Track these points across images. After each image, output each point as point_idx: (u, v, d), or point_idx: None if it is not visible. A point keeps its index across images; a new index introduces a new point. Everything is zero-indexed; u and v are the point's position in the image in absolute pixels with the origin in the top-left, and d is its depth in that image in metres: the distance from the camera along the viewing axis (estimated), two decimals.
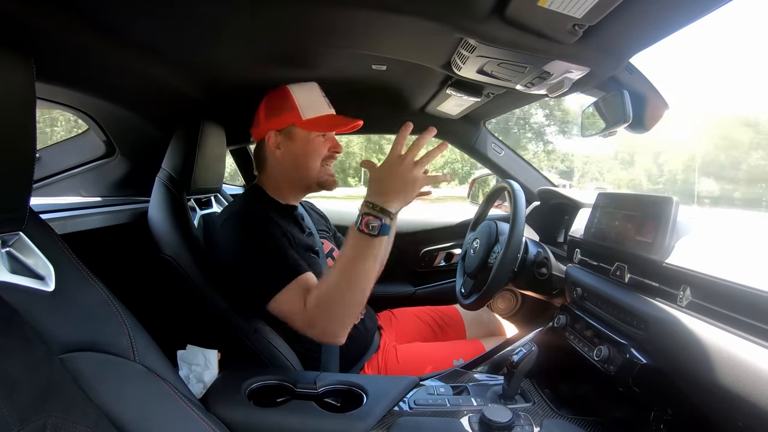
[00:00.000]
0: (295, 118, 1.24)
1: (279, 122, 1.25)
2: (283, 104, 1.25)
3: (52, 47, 0.91)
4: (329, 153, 1.28)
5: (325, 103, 1.29)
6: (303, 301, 1.04)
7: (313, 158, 1.26)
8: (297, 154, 1.26)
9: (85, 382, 0.66)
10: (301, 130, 1.25)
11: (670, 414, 0.94)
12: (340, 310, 1.03)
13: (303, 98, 1.25)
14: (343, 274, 1.01)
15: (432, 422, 0.95)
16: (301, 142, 1.25)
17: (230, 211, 1.21)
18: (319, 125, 1.25)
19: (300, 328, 1.07)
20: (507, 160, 1.98)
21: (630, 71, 1.19)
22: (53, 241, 0.75)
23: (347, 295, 1.01)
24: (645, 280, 0.95)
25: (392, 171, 0.99)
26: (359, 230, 0.98)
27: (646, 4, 0.75)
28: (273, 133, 1.26)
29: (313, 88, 1.29)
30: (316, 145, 1.26)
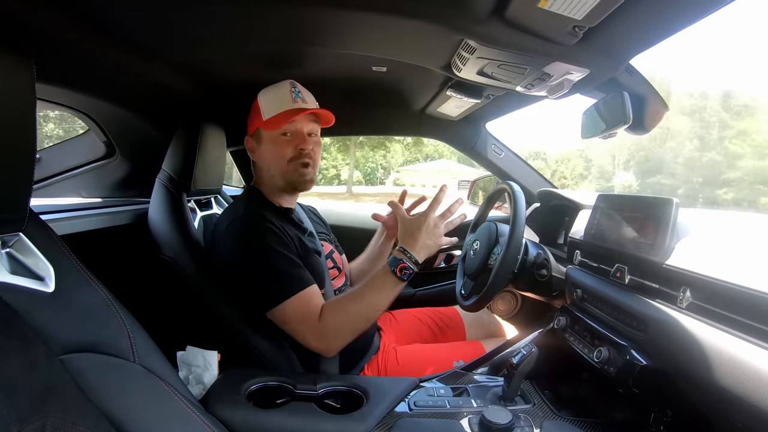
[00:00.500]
0: (259, 121, 1.26)
1: (251, 127, 1.30)
2: (253, 108, 1.29)
3: (53, 48, 0.91)
4: (296, 151, 1.25)
5: (290, 98, 1.26)
6: (312, 314, 1.10)
7: (279, 158, 1.25)
8: (265, 156, 1.28)
9: (85, 382, 0.66)
10: (265, 131, 1.26)
11: (670, 415, 0.93)
12: (351, 330, 1.14)
13: (266, 99, 1.27)
14: (365, 302, 1.13)
15: (432, 423, 0.95)
16: (267, 143, 1.27)
17: (233, 215, 1.20)
18: (276, 122, 1.23)
19: (306, 338, 1.11)
20: (507, 161, 1.98)
21: (630, 73, 1.19)
22: (53, 241, 0.75)
23: (361, 321, 1.14)
24: (645, 281, 0.95)
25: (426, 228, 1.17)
26: (392, 272, 1.13)
27: (646, 6, 0.75)
28: (248, 138, 1.31)
29: (281, 86, 1.28)
30: (279, 145, 1.25)
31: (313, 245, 1.28)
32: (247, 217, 1.17)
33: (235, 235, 1.15)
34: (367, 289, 1.14)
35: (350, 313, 1.12)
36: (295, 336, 1.13)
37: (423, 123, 1.92)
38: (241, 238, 1.14)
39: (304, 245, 1.22)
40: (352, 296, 1.14)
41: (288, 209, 1.33)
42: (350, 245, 1.65)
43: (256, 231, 1.14)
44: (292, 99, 1.26)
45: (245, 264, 1.13)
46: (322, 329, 1.10)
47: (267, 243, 1.12)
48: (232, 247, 1.15)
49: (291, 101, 1.25)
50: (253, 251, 1.12)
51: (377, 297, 1.13)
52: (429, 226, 1.17)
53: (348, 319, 1.12)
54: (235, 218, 1.18)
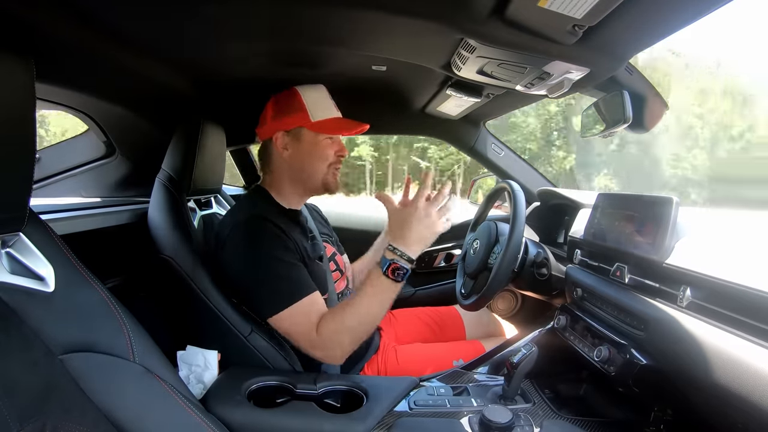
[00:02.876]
0: (305, 120, 1.24)
1: (288, 123, 1.25)
2: (293, 105, 1.25)
3: (52, 48, 0.91)
4: (336, 157, 1.28)
5: (333, 105, 1.29)
6: (309, 324, 1.08)
7: (321, 161, 1.26)
8: (305, 156, 1.26)
9: (85, 382, 0.66)
10: (309, 132, 1.25)
11: (670, 414, 0.94)
12: (350, 338, 1.09)
13: (312, 100, 1.25)
14: (361, 311, 1.08)
15: (432, 423, 0.95)
16: (309, 144, 1.25)
17: (239, 216, 1.19)
18: (328, 128, 1.24)
19: (305, 348, 1.10)
20: (507, 160, 1.98)
21: (630, 72, 1.19)
22: (53, 241, 0.75)
23: (360, 326, 1.09)
24: (645, 280, 0.95)
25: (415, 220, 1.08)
26: (385, 275, 1.06)
27: (646, 4, 0.75)
28: (281, 134, 1.25)
29: (321, 90, 1.29)
30: (324, 148, 1.25)
31: (316, 250, 1.27)
32: (253, 220, 1.15)
33: (239, 238, 1.14)
34: (361, 296, 1.09)
35: (347, 324, 1.07)
36: (299, 346, 1.11)
37: (423, 122, 1.92)
38: (245, 242, 1.13)
39: (308, 251, 1.21)
40: (348, 306, 1.09)
41: (295, 211, 1.32)
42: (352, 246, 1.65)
43: (261, 235, 1.13)
44: (335, 107, 1.29)
45: (248, 269, 1.12)
46: (321, 341, 1.07)
47: (272, 249, 1.11)
48: (237, 251, 1.14)
49: (335, 109, 1.28)
50: (256, 257, 1.11)
51: (373, 304, 1.08)
52: (419, 215, 1.08)
53: (346, 330, 1.08)
54: (241, 221, 1.16)
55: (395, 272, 1.06)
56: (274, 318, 1.09)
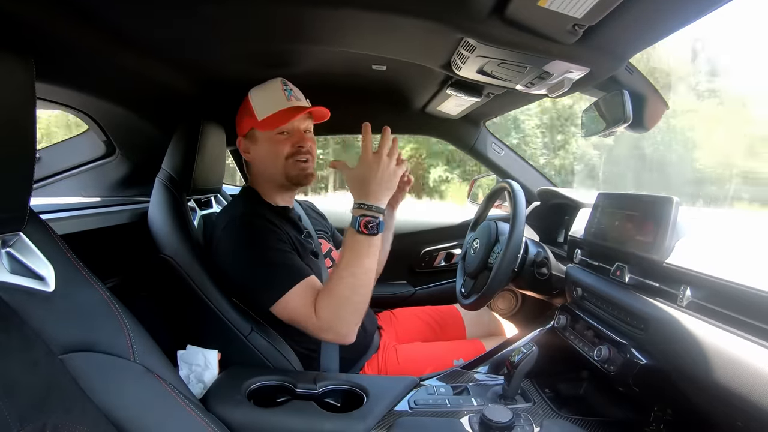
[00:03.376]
0: (253, 121, 1.25)
1: (243, 128, 1.29)
2: (244, 109, 1.27)
3: (52, 47, 0.91)
4: (294, 149, 1.25)
5: (284, 97, 1.25)
6: (311, 306, 1.06)
7: (276, 157, 1.25)
8: (262, 156, 1.27)
9: (85, 382, 0.66)
10: (260, 131, 1.25)
11: (670, 414, 0.94)
12: (350, 310, 1.05)
13: (258, 99, 1.25)
14: (348, 276, 1.04)
15: (432, 422, 0.95)
16: (263, 142, 1.26)
17: (230, 214, 1.21)
18: (272, 122, 1.23)
19: (312, 333, 1.08)
20: (507, 160, 1.98)
21: (630, 71, 1.19)
22: (53, 241, 0.75)
23: (354, 294, 1.04)
24: (645, 280, 0.95)
25: (372, 169, 1.03)
26: (359, 232, 1.03)
27: (646, 4, 0.75)
28: (241, 139, 1.30)
29: (272, 84, 1.27)
30: (276, 143, 1.24)
31: (310, 245, 1.27)
32: (244, 217, 1.17)
33: (232, 235, 1.15)
34: (343, 263, 1.05)
35: (341, 295, 1.04)
36: (306, 331, 1.08)
37: (423, 121, 1.92)
38: (238, 238, 1.14)
39: (302, 245, 1.22)
40: (334, 278, 1.06)
41: (285, 207, 1.32)
42: None
43: (253, 230, 1.14)
44: (286, 98, 1.25)
45: (244, 263, 1.12)
46: (324, 322, 1.05)
47: (264, 240, 1.12)
48: (231, 248, 1.15)
49: (285, 100, 1.25)
50: (251, 249, 1.12)
51: (357, 266, 1.04)
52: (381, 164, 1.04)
53: (341, 302, 1.04)
54: (232, 218, 1.18)
55: (368, 226, 1.02)
56: (275, 306, 1.08)
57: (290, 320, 1.09)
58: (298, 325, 1.09)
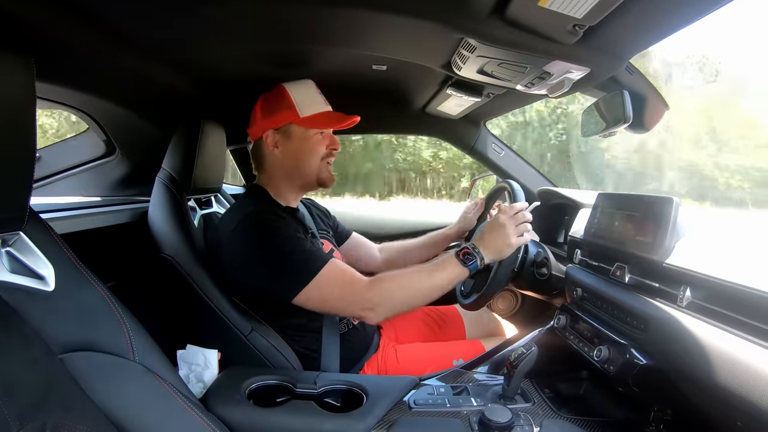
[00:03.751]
0: (293, 117, 1.23)
1: (276, 121, 1.25)
2: (281, 103, 1.25)
3: (52, 47, 0.91)
4: (328, 150, 1.28)
5: (322, 100, 1.28)
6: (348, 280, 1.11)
7: (312, 156, 1.26)
8: (296, 152, 1.26)
9: (85, 381, 0.66)
10: (299, 128, 1.24)
11: (670, 414, 0.94)
12: (402, 301, 1.15)
13: (300, 96, 1.25)
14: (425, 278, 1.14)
15: (432, 422, 0.95)
16: (300, 140, 1.25)
17: (242, 212, 1.18)
18: (317, 122, 1.24)
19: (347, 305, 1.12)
20: (507, 160, 1.98)
21: (630, 71, 1.19)
22: (53, 240, 0.75)
23: (415, 294, 1.15)
24: (645, 280, 0.95)
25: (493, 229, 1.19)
26: (456, 256, 1.16)
27: (647, 4, 0.75)
28: (271, 132, 1.25)
29: (309, 85, 1.28)
30: (315, 143, 1.26)
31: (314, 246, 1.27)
32: (258, 214, 1.15)
33: (244, 234, 1.13)
34: (428, 265, 1.17)
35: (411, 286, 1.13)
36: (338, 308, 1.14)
37: (423, 121, 1.92)
38: (252, 236, 1.12)
39: None
40: (411, 271, 1.16)
41: (293, 209, 1.32)
42: None
43: (265, 228, 1.12)
44: (324, 101, 1.28)
45: (263, 257, 1.11)
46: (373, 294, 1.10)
47: (278, 235, 1.11)
48: (242, 247, 1.13)
49: (324, 104, 1.28)
50: (265, 248, 1.11)
51: (435, 274, 1.15)
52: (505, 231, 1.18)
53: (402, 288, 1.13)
54: (245, 216, 1.16)
55: (465, 256, 1.15)
56: (302, 294, 1.08)
57: (321, 303, 1.11)
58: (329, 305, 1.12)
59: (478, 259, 1.15)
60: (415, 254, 1.64)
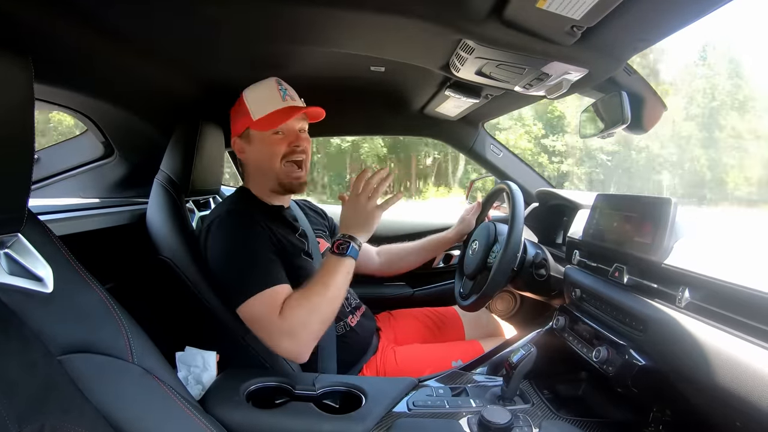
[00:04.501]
0: (248, 121, 1.24)
1: (238, 128, 1.28)
2: (238, 109, 1.27)
3: (51, 48, 0.91)
4: (289, 149, 1.25)
5: (279, 96, 1.25)
6: (276, 309, 1.05)
7: (271, 157, 1.24)
8: (257, 156, 1.27)
9: (83, 383, 0.66)
10: (255, 131, 1.25)
11: (669, 415, 0.94)
12: (317, 319, 1.07)
13: (253, 99, 1.25)
14: (321, 285, 1.08)
15: (431, 423, 0.95)
16: (259, 143, 1.25)
17: (217, 212, 1.21)
18: (268, 122, 1.23)
19: (272, 337, 1.06)
20: (505, 161, 1.99)
21: (628, 72, 1.20)
22: (51, 242, 0.75)
23: (323, 306, 1.08)
24: (643, 281, 0.95)
25: (354, 209, 1.15)
26: (331, 251, 1.13)
27: (645, 5, 0.75)
28: (236, 139, 1.29)
29: (267, 84, 1.26)
30: (272, 143, 1.24)
31: (302, 245, 1.27)
32: (228, 214, 1.17)
33: (214, 232, 1.16)
34: (317, 276, 1.11)
35: (313, 300, 1.07)
36: (263, 337, 1.07)
37: (421, 123, 1.92)
38: (218, 235, 1.15)
39: (292, 245, 1.22)
40: (307, 286, 1.10)
41: (279, 207, 1.32)
42: None
43: (234, 228, 1.15)
44: (281, 97, 1.25)
45: (221, 260, 1.13)
46: (287, 325, 1.04)
47: (243, 240, 1.13)
48: (211, 244, 1.15)
49: (281, 100, 1.24)
50: (229, 248, 1.13)
51: (330, 278, 1.09)
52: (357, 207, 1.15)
53: (313, 307, 1.06)
54: (217, 215, 1.18)
55: (339, 247, 1.12)
56: (242, 307, 1.07)
57: (251, 321, 1.08)
58: (258, 327, 1.07)
59: (353, 243, 1.13)
60: (413, 257, 1.63)
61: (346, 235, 1.14)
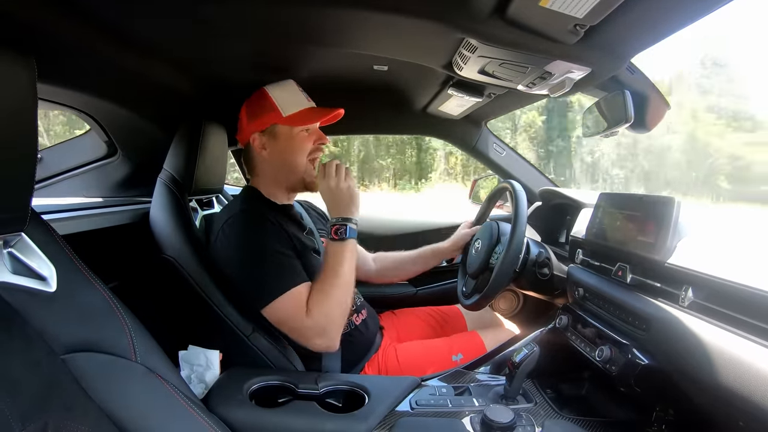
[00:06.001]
0: (277, 117, 1.25)
1: (261, 123, 1.27)
2: (263, 105, 1.27)
3: (54, 48, 0.91)
4: (315, 146, 1.29)
5: (304, 97, 1.29)
6: (304, 310, 1.09)
7: (299, 153, 1.27)
8: (283, 152, 1.27)
9: (87, 382, 0.66)
10: (283, 127, 1.26)
11: (672, 414, 0.94)
12: (340, 311, 1.12)
13: (281, 96, 1.26)
14: (332, 277, 1.13)
15: (434, 423, 0.95)
16: (286, 139, 1.26)
17: (230, 212, 1.21)
18: (300, 119, 1.25)
19: (302, 336, 1.11)
20: (508, 160, 1.98)
21: (631, 71, 1.19)
22: (55, 241, 0.75)
23: (340, 294, 1.12)
24: (647, 280, 0.95)
25: (334, 193, 1.20)
26: (332, 239, 1.17)
27: (648, 4, 0.74)
28: (257, 135, 1.28)
29: (290, 85, 1.29)
30: (301, 140, 1.27)
31: (311, 243, 1.28)
32: (243, 213, 1.18)
33: (230, 232, 1.16)
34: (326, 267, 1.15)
35: (332, 294, 1.11)
36: (296, 336, 1.12)
37: (424, 122, 1.92)
38: (236, 235, 1.15)
39: (303, 243, 1.22)
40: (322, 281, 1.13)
41: (287, 205, 1.33)
42: None
43: (252, 228, 1.15)
44: (306, 98, 1.29)
45: (240, 261, 1.13)
46: (314, 323, 1.08)
47: (262, 240, 1.13)
48: (228, 245, 1.15)
49: (306, 100, 1.28)
50: (248, 248, 1.13)
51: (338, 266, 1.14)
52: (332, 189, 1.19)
53: (333, 299, 1.11)
54: (231, 215, 1.18)
55: (337, 232, 1.17)
56: (268, 308, 1.09)
57: (279, 323, 1.12)
58: (287, 328, 1.11)
59: (349, 224, 1.17)
60: (407, 268, 1.63)
61: (339, 218, 1.18)
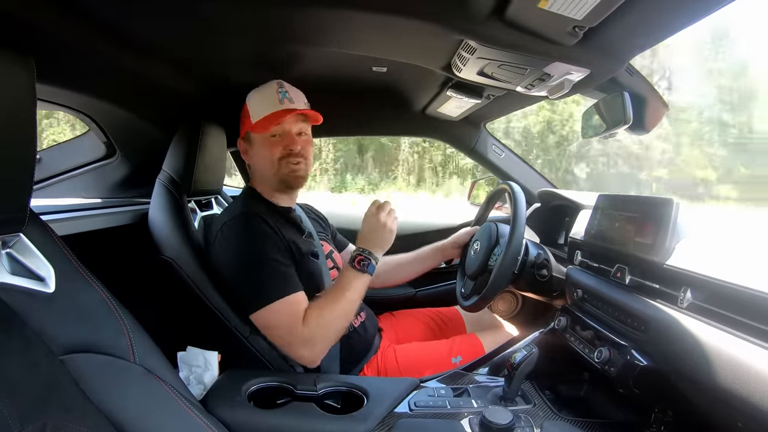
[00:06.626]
0: (248, 124, 1.27)
1: (242, 130, 1.32)
2: (243, 112, 1.30)
3: (53, 48, 0.91)
4: (285, 152, 1.25)
5: (277, 99, 1.26)
6: (297, 317, 1.09)
7: (268, 159, 1.26)
8: (257, 158, 1.29)
9: (85, 383, 0.66)
10: (254, 134, 1.27)
11: (671, 415, 0.94)
12: (334, 329, 1.14)
13: (254, 102, 1.27)
14: (339, 299, 1.14)
15: (432, 424, 0.95)
16: (258, 145, 1.28)
17: (230, 214, 1.21)
18: (264, 125, 1.24)
19: (291, 344, 1.11)
20: (507, 161, 1.98)
21: (630, 73, 1.19)
22: (53, 242, 0.75)
23: (343, 319, 1.15)
24: (645, 281, 0.95)
25: (376, 225, 1.23)
26: (352, 266, 1.18)
27: (647, 5, 0.75)
28: (240, 141, 1.33)
29: (268, 88, 1.27)
30: (269, 146, 1.25)
31: (310, 247, 1.27)
32: (241, 217, 1.18)
33: (227, 235, 1.16)
34: (335, 286, 1.17)
35: (334, 313, 1.12)
36: (279, 343, 1.12)
37: (423, 123, 1.92)
38: (233, 238, 1.15)
39: (300, 247, 1.22)
40: (330, 297, 1.14)
41: (287, 208, 1.33)
42: None
43: (248, 232, 1.15)
44: (279, 100, 1.25)
45: (235, 264, 1.14)
46: (309, 334, 1.09)
47: (259, 245, 1.13)
48: (226, 247, 1.16)
49: (278, 102, 1.25)
50: (243, 252, 1.14)
51: (346, 294, 1.15)
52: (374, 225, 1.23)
53: (333, 319, 1.12)
54: (230, 218, 1.18)
55: (360, 263, 1.18)
56: (258, 313, 1.10)
57: (267, 329, 1.12)
58: (276, 334, 1.12)
59: (373, 260, 1.20)
60: (408, 269, 1.62)
61: (366, 250, 1.20)
